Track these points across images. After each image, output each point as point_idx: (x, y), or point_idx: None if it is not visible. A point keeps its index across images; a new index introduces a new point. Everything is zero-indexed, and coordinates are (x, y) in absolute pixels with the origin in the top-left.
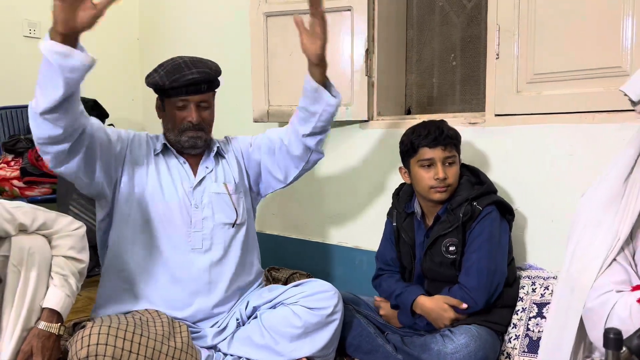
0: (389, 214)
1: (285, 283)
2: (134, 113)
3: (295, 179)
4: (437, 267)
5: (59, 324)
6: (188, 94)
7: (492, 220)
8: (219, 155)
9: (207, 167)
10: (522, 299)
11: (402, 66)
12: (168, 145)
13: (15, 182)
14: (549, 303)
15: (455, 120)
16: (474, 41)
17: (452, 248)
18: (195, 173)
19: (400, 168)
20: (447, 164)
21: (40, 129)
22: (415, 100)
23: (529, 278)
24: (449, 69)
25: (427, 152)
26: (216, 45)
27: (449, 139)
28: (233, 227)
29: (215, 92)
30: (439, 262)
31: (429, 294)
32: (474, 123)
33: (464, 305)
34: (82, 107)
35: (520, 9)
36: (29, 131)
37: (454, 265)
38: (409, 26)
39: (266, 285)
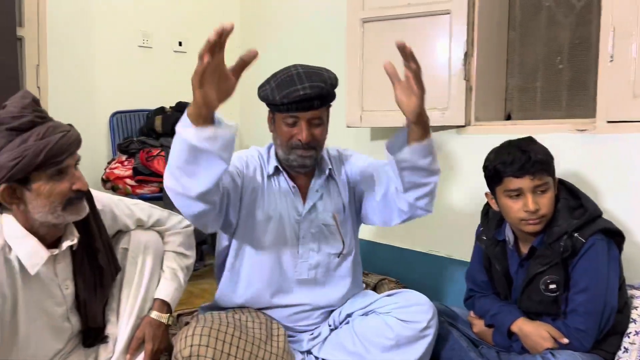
0: (478, 237)
1: (374, 288)
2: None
3: (396, 224)
4: (537, 305)
5: (169, 314)
6: (298, 110)
7: (598, 252)
8: (331, 177)
9: (317, 192)
10: (635, 321)
11: (503, 70)
12: (280, 167)
13: (128, 180)
14: None
15: (561, 127)
16: (584, 43)
17: (552, 286)
18: (304, 199)
19: (486, 194)
20: (538, 192)
21: (191, 208)
22: (517, 105)
23: None
24: (555, 72)
25: (513, 182)
26: (311, 50)
27: (539, 165)
28: (339, 257)
29: (330, 106)
30: (539, 301)
31: (527, 316)
32: (583, 130)
33: (565, 340)
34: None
35: None
36: (141, 133)
37: (556, 303)
38: (511, 28)
39: None
